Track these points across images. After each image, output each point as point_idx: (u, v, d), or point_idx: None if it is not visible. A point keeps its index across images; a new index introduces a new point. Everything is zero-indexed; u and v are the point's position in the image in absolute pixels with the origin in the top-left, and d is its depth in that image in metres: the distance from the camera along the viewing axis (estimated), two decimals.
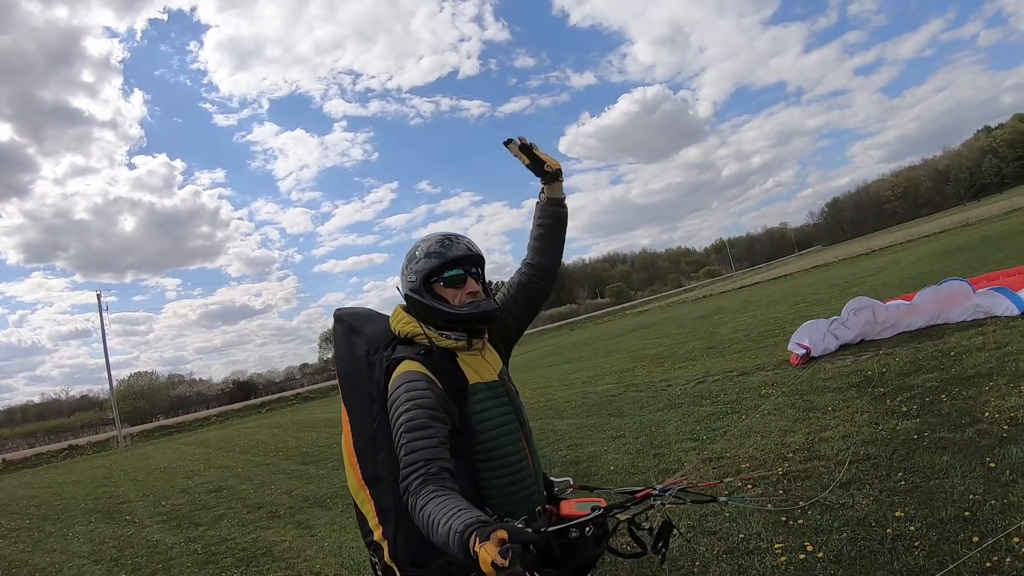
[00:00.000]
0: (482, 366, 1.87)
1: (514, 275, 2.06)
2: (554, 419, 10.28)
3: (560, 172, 1.96)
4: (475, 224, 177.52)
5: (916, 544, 3.28)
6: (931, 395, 5.86)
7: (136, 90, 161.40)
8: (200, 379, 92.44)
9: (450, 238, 1.87)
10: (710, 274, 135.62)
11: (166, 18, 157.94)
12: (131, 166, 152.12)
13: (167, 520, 9.32)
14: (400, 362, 1.76)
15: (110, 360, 46.04)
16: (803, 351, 9.05)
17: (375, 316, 2.02)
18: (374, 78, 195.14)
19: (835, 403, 6.52)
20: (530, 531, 1.49)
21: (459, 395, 1.76)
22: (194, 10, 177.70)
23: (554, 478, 2.05)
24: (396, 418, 1.68)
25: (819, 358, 8.95)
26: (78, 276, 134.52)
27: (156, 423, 53.52)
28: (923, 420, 5.25)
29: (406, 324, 1.86)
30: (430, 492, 1.54)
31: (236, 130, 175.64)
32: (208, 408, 65.70)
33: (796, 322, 11.38)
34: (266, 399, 58.82)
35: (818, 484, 4.51)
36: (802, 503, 4.11)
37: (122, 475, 18.50)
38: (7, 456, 41.18)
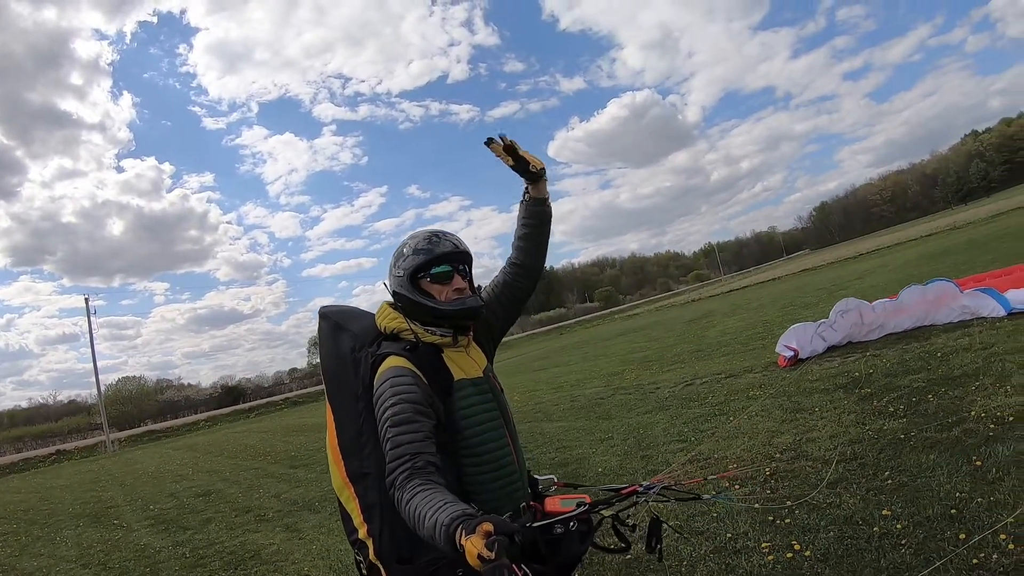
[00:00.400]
0: (467, 363, 1.87)
1: (498, 274, 2.07)
2: (543, 422, 10.27)
3: (544, 171, 1.95)
4: (464, 228, 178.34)
5: (903, 542, 3.30)
6: (918, 395, 5.90)
7: (125, 93, 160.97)
8: (188, 384, 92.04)
9: (438, 235, 1.87)
10: (699, 278, 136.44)
11: (155, 21, 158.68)
12: (119, 169, 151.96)
13: (155, 524, 9.23)
14: (385, 358, 1.76)
15: (98, 364, 45.69)
16: (791, 353, 9.10)
17: (361, 313, 2.01)
18: (363, 82, 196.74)
19: (822, 404, 6.55)
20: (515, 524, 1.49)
21: (444, 391, 1.76)
22: (183, 13, 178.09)
23: (538, 476, 2.05)
24: (382, 413, 1.67)
25: (807, 360, 9.00)
26: (66, 280, 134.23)
27: (144, 428, 53.20)
28: (910, 420, 5.28)
29: (392, 320, 1.86)
30: (416, 486, 1.54)
31: (225, 133, 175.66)
32: (196, 413, 65.30)
33: (784, 325, 11.48)
34: (255, 404, 58.64)
35: (805, 483, 4.52)
36: (790, 502, 4.13)
37: (110, 480, 18.31)
38: None
